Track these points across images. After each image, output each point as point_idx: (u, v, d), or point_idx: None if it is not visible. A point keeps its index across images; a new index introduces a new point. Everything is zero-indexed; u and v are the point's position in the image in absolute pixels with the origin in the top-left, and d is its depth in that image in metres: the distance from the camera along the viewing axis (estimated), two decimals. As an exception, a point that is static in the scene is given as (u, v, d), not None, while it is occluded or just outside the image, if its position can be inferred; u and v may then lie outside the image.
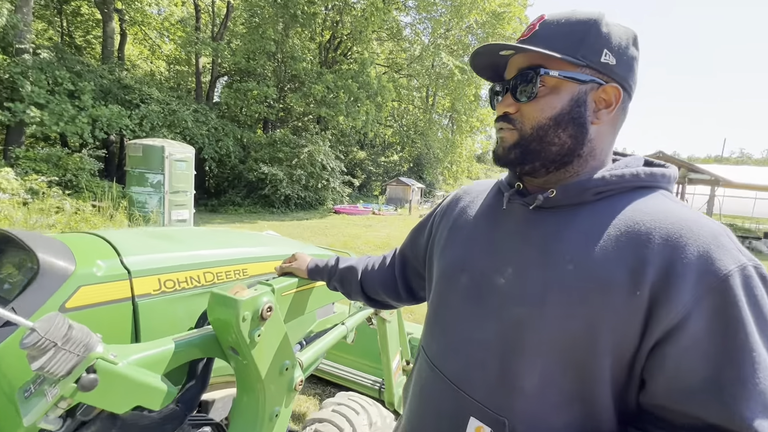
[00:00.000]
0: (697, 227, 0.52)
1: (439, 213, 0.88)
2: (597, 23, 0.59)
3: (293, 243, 1.79)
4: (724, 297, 0.48)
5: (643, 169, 0.60)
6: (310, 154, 14.11)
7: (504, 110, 0.64)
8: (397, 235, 10.15)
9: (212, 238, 1.45)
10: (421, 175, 27.12)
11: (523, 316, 0.59)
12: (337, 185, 15.77)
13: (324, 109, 15.21)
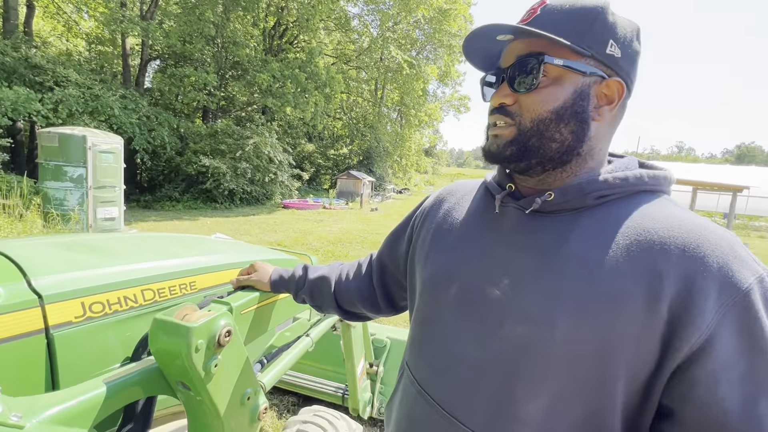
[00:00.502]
0: (713, 236, 0.48)
1: (420, 216, 0.80)
2: (604, 11, 0.54)
3: (248, 247, 1.62)
4: (748, 312, 0.44)
5: (647, 172, 0.56)
6: (256, 146, 13.41)
7: (500, 101, 0.58)
8: (350, 230, 10.01)
9: (150, 246, 1.24)
10: (371, 168, 27.09)
11: (529, 336, 0.53)
12: (286, 179, 15.21)
13: (270, 99, 14.50)
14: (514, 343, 0.54)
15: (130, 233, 1.74)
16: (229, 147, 13.49)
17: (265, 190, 14.84)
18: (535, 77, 0.54)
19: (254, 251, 1.59)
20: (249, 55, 14.38)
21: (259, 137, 13.47)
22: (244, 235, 8.42)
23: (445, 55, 26.54)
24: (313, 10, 14.45)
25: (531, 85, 0.55)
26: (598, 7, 0.54)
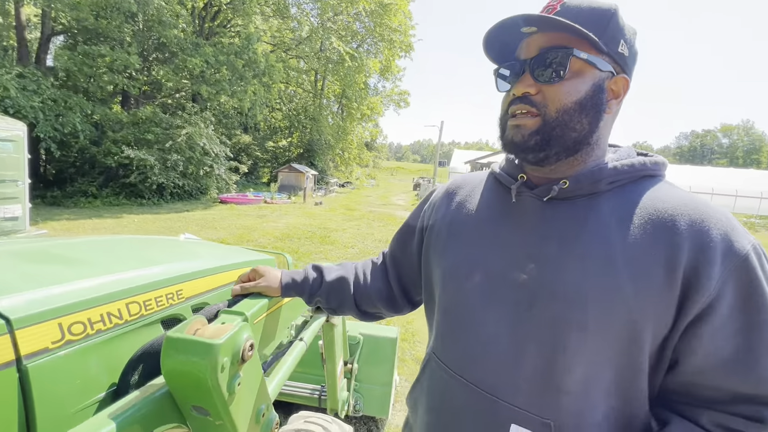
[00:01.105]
0: (714, 212, 0.54)
1: (429, 210, 0.82)
2: (616, 13, 0.58)
3: (225, 249, 1.48)
4: (747, 274, 0.51)
5: (649, 159, 0.62)
6: (190, 137, 12.34)
7: (524, 91, 0.59)
8: (297, 225, 9.71)
9: (123, 252, 1.08)
10: (312, 161, 26.48)
11: (563, 314, 0.56)
12: (222, 172, 14.25)
13: (204, 86, 13.39)
14: (548, 322, 0.57)
15: (38, 234, 1.47)
16: (157, 137, 12.24)
17: (199, 184, 13.76)
18: (563, 69, 0.56)
19: (233, 252, 1.46)
20: (178, 36, 13.10)
21: (193, 127, 12.41)
22: (180, 233, 7.76)
23: (386, 49, 26.67)
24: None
25: (557, 77, 0.57)
26: (612, 9, 0.57)
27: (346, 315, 0.97)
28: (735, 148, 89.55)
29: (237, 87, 14.12)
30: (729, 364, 0.52)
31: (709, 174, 29.17)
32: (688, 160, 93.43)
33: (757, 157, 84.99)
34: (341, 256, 6.78)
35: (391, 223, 11.50)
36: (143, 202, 12.09)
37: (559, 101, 0.57)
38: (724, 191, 25.30)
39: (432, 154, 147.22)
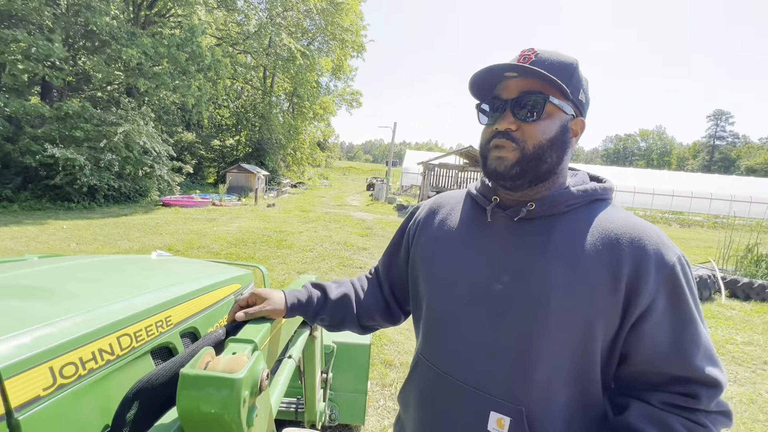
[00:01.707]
0: (647, 230, 0.66)
1: (414, 226, 0.91)
2: (577, 67, 0.70)
3: (203, 265, 1.40)
4: (674, 282, 0.63)
5: (599, 185, 0.73)
6: (127, 134, 11.33)
7: (507, 127, 0.68)
8: (250, 228, 9.31)
9: (102, 278, 0.99)
10: (263, 161, 25.51)
11: (531, 316, 0.66)
12: (165, 173, 13.26)
13: (142, 79, 12.36)
14: (520, 323, 0.67)
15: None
16: (87, 134, 11.08)
17: (138, 185, 12.69)
18: (540, 111, 0.67)
19: (212, 270, 1.39)
20: (110, 24, 11.96)
21: (131, 124, 11.39)
22: (121, 240, 7.10)
23: (338, 48, 26.42)
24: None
25: (535, 117, 0.67)
26: (574, 63, 0.69)
27: (346, 330, 0.99)
28: (651, 150, 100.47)
29: (179, 81, 13.20)
30: (666, 355, 0.63)
31: (631, 175, 32.47)
32: (614, 161, 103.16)
33: (668, 159, 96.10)
34: (300, 260, 6.64)
35: (347, 225, 11.44)
36: (71, 206, 10.91)
37: (535, 138, 0.67)
38: (643, 190, 28.26)
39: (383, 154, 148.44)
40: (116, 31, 12.34)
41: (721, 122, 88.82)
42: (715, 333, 4.60)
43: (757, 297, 6.16)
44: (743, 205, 26.85)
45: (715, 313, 5.37)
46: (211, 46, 17.15)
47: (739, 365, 3.81)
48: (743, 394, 3.23)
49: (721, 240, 8.09)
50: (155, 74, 12.94)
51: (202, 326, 1.08)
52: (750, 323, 5.06)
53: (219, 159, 26.24)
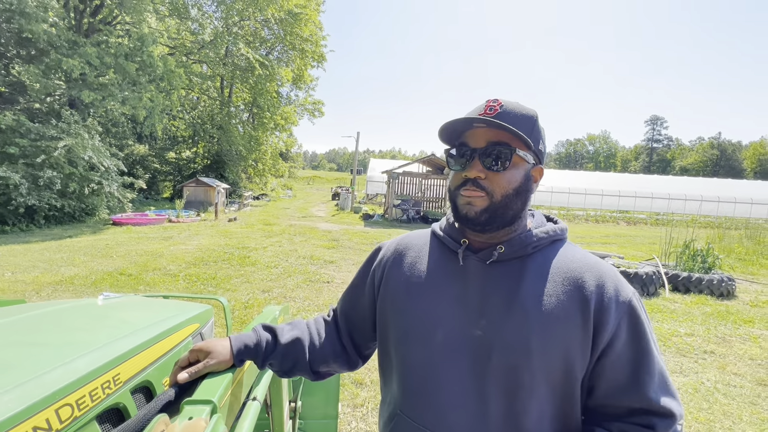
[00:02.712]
0: (605, 269, 0.72)
1: (379, 268, 0.89)
2: (536, 119, 0.74)
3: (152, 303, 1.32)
4: (630, 317, 0.68)
5: (558, 226, 0.78)
6: (70, 149, 10.54)
7: (476, 175, 0.71)
8: (211, 246, 8.93)
9: (34, 335, 0.90)
10: (222, 173, 24.66)
11: (514, 362, 0.67)
12: (115, 189, 12.45)
13: (86, 91, 11.58)
14: (505, 370, 0.67)
15: None
16: (23, 150, 10.20)
17: (84, 204, 11.82)
18: (507, 162, 0.71)
19: (165, 310, 1.31)
20: (48, 32, 11.15)
21: (74, 138, 10.62)
22: (65, 266, 6.55)
23: (298, 58, 26.22)
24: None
25: (502, 167, 0.71)
26: (534, 116, 0.74)
27: (297, 376, 0.95)
28: (598, 153, 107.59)
29: (129, 93, 12.51)
30: (625, 387, 0.68)
31: (582, 177, 34.56)
32: (566, 165, 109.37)
33: (614, 161, 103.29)
34: (265, 277, 6.44)
35: (314, 237, 11.27)
36: (6, 230, 9.95)
37: (503, 187, 0.71)
38: (593, 191, 30.11)
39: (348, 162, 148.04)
40: (55, 39, 11.53)
41: (657, 127, 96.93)
42: (662, 326, 4.96)
43: (695, 289, 6.73)
44: (679, 202, 29.36)
45: (661, 308, 5.80)
46: (164, 55, 16.44)
47: (683, 356, 4.12)
48: (688, 384, 3.49)
49: (663, 236, 8.77)
50: (101, 85, 12.19)
51: (156, 378, 1.02)
52: (690, 315, 5.51)
53: (175, 172, 25.06)
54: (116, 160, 12.51)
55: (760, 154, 79.44)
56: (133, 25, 14.65)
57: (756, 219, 26.28)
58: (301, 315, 4.75)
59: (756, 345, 4.50)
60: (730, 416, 3.00)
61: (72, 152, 10.75)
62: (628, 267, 6.90)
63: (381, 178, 27.07)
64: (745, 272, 9.08)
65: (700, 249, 7.57)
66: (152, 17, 16.40)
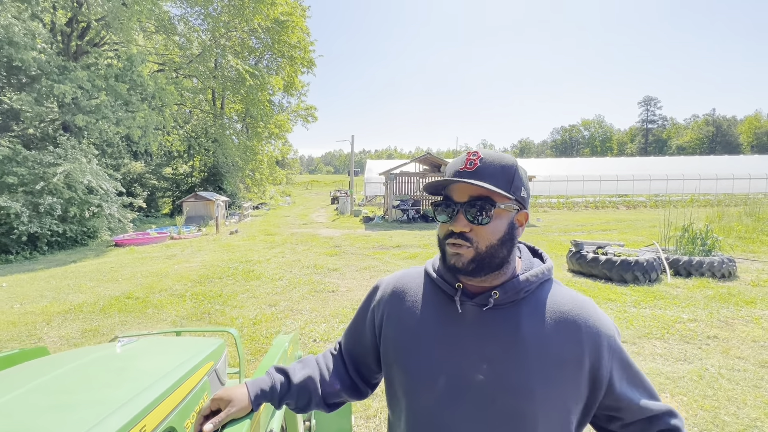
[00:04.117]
0: (590, 307, 0.79)
1: (378, 308, 0.94)
2: (516, 168, 0.78)
3: (168, 344, 1.39)
4: (619, 350, 0.77)
5: (545, 267, 0.82)
6: (68, 174, 10.61)
7: (461, 229, 0.76)
8: (214, 262, 9.00)
9: (61, 399, 0.96)
10: (220, 186, 24.74)
11: (517, 404, 0.72)
12: (115, 210, 12.53)
13: (80, 115, 11.65)
14: (508, 414, 0.72)
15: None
16: (21, 179, 10.28)
17: (85, 227, 11.90)
18: (488, 215, 0.74)
19: (180, 349, 1.38)
20: (37, 59, 11.21)
21: (72, 163, 10.69)
22: (72, 293, 6.61)
23: (287, 66, 26.25)
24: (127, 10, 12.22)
25: (485, 220, 0.75)
26: (513, 165, 0.78)
27: (312, 410, 1.01)
28: (593, 138, 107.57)
29: (122, 114, 12.57)
30: (641, 403, 0.78)
31: (579, 164, 34.60)
32: (562, 152, 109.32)
33: (609, 144, 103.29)
34: (270, 291, 6.51)
35: (315, 245, 11.34)
36: (10, 259, 10.03)
37: (487, 239, 0.75)
38: (591, 177, 30.14)
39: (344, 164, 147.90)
40: (45, 66, 11.59)
41: (651, 107, 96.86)
42: (665, 314, 5.03)
43: (696, 273, 6.79)
44: (677, 182, 29.39)
45: (663, 294, 5.86)
46: (153, 73, 16.50)
47: (687, 343, 4.19)
48: (693, 372, 3.55)
49: (662, 219, 8.81)
50: (95, 107, 12.25)
51: (179, 423, 1.08)
52: (693, 300, 5.57)
53: (173, 188, 25.14)
54: (114, 182, 12.57)
55: (756, 127, 79.41)
56: (121, 45, 14.69)
57: (755, 194, 26.35)
58: (309, 327, 4.82)
59: (758, 326, 4.57)
60: (734, 401, 3.07)
61: (70, 177, 10.82)
62: (629, 255, 6.96)
63: (379, 179, 27.13)
64: (746, 251, 9.14)
65: (699, 231, 7.63)
66: (139, 35, 16.45)
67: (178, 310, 5.60)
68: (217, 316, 5.27)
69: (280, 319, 5.14)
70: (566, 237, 12.17)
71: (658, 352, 3.98)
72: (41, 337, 4.72)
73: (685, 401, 3.10)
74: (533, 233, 13.56)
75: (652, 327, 4.59)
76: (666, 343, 4.19)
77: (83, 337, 4.68)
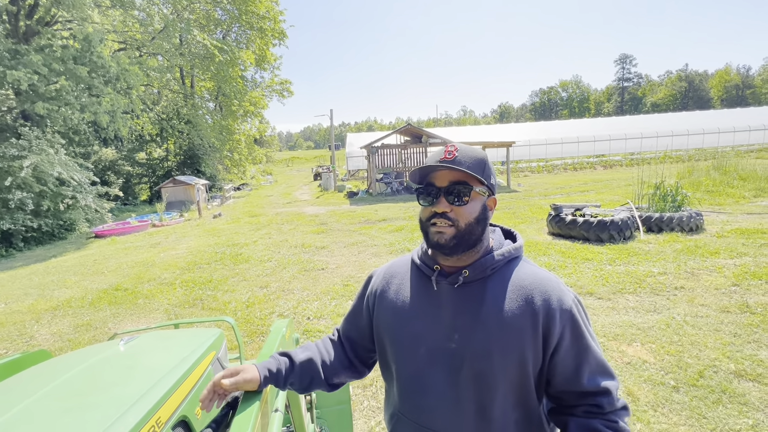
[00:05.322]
0: (549, 282, 0.88)
1: (371, 296, 1.06)
2: (487, 159, 0.91)
3: (169, 337, 1.45)
4: (572, 320, 0.85)
5: (514, 246, 0.93)
6: (36, 167, 10.16)
7: (443, 210, 0.87)
8: (201, 247, 8.95)
9: (74, 402, 1.03)
10: (198, 168, 24.08)
11: (481, 368, 0.85)
12: (91, 201, 12.15)
13: (40, 103, 11.00)
14: (474, 375, 0.84)
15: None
16: (-14, 175, 9.80)
17: (61, 220, 11.55)
18: (467, 197, 0.87)
19: (182, 342, 1.45)
20: (-15, 44, 10.40)
21: (38, 155, 10.21)
22: (57, 289, 6.53)
23: (257, 38, 25.05)
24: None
25: (463, 201, 0.87)
26: (485, 158, 0.90)
27: (314, 390, 1.11)
28: (571, 99, 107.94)
29: (86, 99, 11.92)
30: (572, 378, 0.85)
31: (558, 127, 34.88)
32: (541, 115, 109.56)
33: (587, 105, 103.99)
34: (260, 273, 6.58)
35: (301, 223, 11.35)
36: (-14, 258, 9.74)
37: (465, 218, 0.86)
38: (569, 140, 30.54)
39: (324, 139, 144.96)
40: (-6, 51, 10.77)
41: (626, 65, 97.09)
42: (637, 269, 5.35)
43: (667, 228, 7.16)
44: (652, 140, 30.12)
45: (636, 250, 6.20)
46: (115, 53, 15.54)
47: (656, 295, 4.51)
48: (661, 321, 3.86)
49: (636, 178, 9.13)
50: (55, 94, 11.56)
51: (189, 411, 1.17)
52: (663, 254, 5.92)
53: (149, 173, 24.35)
54: (86, 172, 12.11)
55: (726, 81, 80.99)
56: (75, 22, 13.69)
57: (723, 147, 27.30)
58: (302, 306, 4.95)
59: (721, 275, 4.93)
60: (697, 345, 3.38)
61: (38, 170, 10.36)
62: (605, 215, 7.26)
63: (360, 153, 26.85)
64: (713, 204, 9.62)
65: (670, 188, 7.97)
66: (94, 11, 15.29)
67: (169, 298, 5.63)
68: (209, 302, 5.33)
69: (273, 300, 5.25)
70: (546, 201, 12.50)
71: (631, 306, 4.28)
72: (33, 336, 4.71)
73: (654, 348, 3.39)
74: (515, 198, 13.86)
75: (625, 282, 4.90)
76: (638, 297, 4.50)
77: (76, 332, 4.69)
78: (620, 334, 3.69)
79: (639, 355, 3.30)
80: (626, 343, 3.51)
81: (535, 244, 7.01)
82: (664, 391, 2.80)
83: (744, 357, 3.13)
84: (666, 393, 2.79)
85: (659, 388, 2.85)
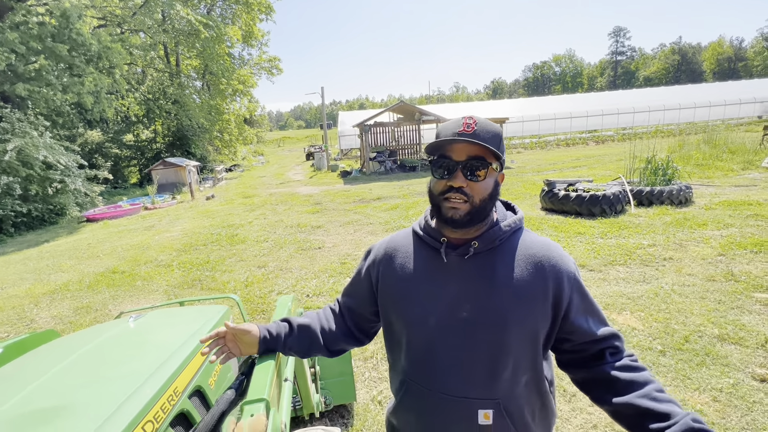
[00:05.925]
0: (555, 249, 0.93)
1: (374, 268, 1.06)
2: (501, 134, 0.90)
3: (176, 314, 1.49)
4: (577, 283, 0.91)
5: (516, 217, 0.96)
6: (20, 151, 9.90)
7: (459, 184, 0.87)
8: (196, 229, 8.92)
9: (92, 377, 1.06)
10: (188, 150, 23.65)
11: (494, 335, 0.88)
12: (80, 185, 11.94)
13: (21, 84, 10.60)
14: (487, 340, 0.87)
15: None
16: (-31, 160, 9.54)
17: (50, 205, 11.37)
18: (483, 172, 0.87)
19: (193, 320, 1.49)
20: (-44, 21, 9.89)
21: (22, 138, 9.93)
22: (54, 273, 6.52)
23: (243, 13, 24.13)
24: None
25: (480, 177, 0.87)
26: (501, 133, 0.89)
27: (316, 355, 1.15)
28: (565, 74, 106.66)
29: (68, 79, 11.51)
30: (588, 331, 0.91)
31: (551, 103, 34.61)
32: (534, 90, 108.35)
33: (580, 79, 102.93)
34: (257, 253, 6.61)
35: (296, 204, 11.32)
36: (-24, 244, 9.61)
37: (480, 194, 0.87)
38: (562, 115, 30.38)
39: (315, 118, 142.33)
40: (-33, 29, 10.27)
41: (620, 38, 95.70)
42: (627, 242, 5.48)
43: (657, 201, 7.29)
44: (644, 115, 30.10)
45: (627, 224, 6.32)
46: (95, 29, 14.91)
47: (646, 266, 4.64)
48: (650, 290, 4.00)
49: (628, 152, 9.20)
50: (35, 74, 11.13)
51: (204, 381, 1.22)
52: (653, 227, 6.05)
53: (138, 156, 23.87)
54: (73, 155, 11.84)
55: (718, 53, 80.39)
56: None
57: (714, 121, 27.41)
58: (300, 284, 5.01)
59: (708, 246, 5.07)
60: (683, 312, 3.52)
61: (23, 153, 10.11)
62: (597, 190, 7.35)
63: (353, 132, 26.50)
64: (702, 177, 9.77)
65: (661, 162, 8.05)
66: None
67: (168, 280, 5.66)
68: (208, 282, 5.38)
69: (271, 279, 5.31)
70: (540, 176, 12.57)
71: (621, 277, 4.41)
72: (33, 319, 4.74)
73: (643, 316, 3.52)
74: (508, 175, 13.91)
75: (616, 255, 5.03)
76: (628, 268, 4.63)
77: (77, 314, 4.73)
78: (611, 303, 3.82)
79: (628, 323, 3.43)
80: (616, 312, 3.64)
81: (528, 219, 7.11)
82: (651, 356, 2.94)
83: (727, 322, 3.28)
84: (653, 357, 2.92)
85: (647, 352, 2.99)
